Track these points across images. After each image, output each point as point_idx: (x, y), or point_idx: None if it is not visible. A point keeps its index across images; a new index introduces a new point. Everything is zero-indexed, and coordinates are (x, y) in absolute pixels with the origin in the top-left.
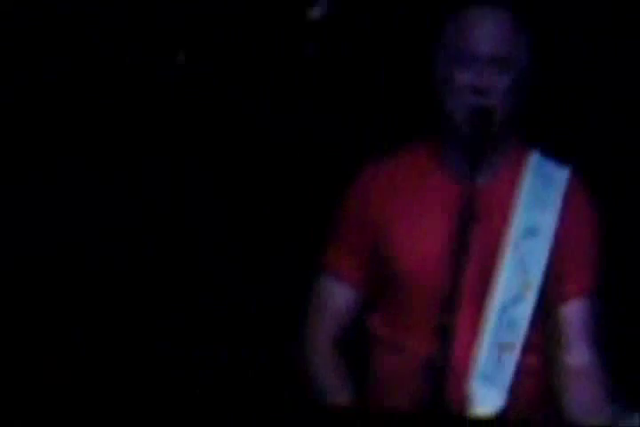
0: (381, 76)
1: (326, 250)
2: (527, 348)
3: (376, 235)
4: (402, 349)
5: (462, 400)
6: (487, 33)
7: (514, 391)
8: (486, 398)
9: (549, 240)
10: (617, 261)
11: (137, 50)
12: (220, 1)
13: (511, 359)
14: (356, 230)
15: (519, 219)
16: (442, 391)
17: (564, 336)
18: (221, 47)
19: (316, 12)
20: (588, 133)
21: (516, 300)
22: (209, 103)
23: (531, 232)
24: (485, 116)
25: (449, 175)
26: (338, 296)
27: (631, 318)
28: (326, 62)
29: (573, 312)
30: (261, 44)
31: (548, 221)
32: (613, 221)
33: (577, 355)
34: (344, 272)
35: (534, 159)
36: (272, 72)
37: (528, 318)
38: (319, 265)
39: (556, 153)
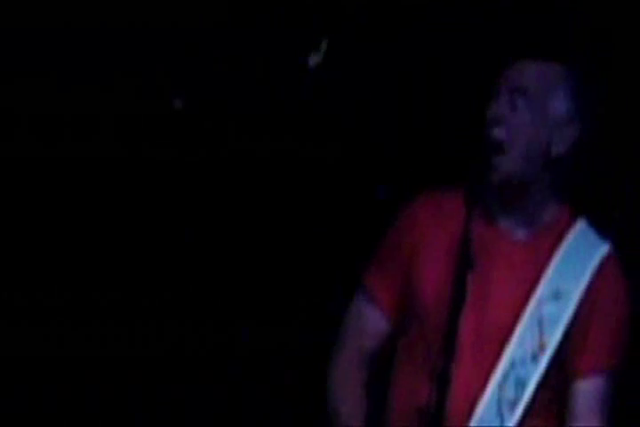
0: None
1: (368, 268)
2: (533, 409)
3: (409, 263)
4: (408, 387)
5: None
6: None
7: None
8: None
9: (573, 307)
10: None
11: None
12: (218, 48)
13: (513, 417)
14: (395, 255)
15: (547, 281)
16: None
17: (576, 410)
18: (220, 93)
19: (313, 59)
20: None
21: (528, 359)
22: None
23: (555, 295)
24: (492, 149)
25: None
26: (368, 318)
27: None
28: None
29: (588, 389)
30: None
31: (575, 288)
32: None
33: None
34: (378, 295)
35: (580, 226)
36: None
37: (537, 379)
38: (359, 281)
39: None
